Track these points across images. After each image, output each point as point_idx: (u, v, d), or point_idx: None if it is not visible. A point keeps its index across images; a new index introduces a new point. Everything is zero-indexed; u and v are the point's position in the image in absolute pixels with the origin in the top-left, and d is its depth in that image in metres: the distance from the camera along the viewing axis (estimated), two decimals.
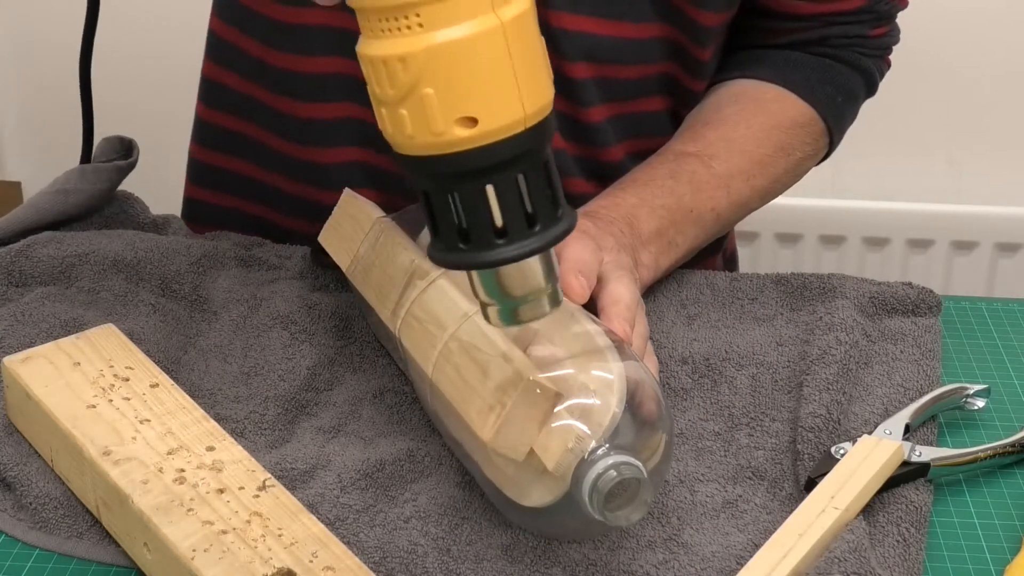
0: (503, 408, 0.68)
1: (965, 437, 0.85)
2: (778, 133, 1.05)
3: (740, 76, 1.08)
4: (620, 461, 0.66)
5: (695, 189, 0.99)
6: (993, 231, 1.82)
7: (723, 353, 0.88)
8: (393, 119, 0.61)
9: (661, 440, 0.70)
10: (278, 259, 1.00)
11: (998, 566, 0.74)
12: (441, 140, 0.60)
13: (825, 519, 0.72)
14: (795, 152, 1.06)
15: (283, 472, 0.77)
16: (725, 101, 1.07)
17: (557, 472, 0.67)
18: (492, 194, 0.62)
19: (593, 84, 1.01)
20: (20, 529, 0.75)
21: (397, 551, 0.72)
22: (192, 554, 0.67)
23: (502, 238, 0.62)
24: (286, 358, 0.87)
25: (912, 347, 0.89)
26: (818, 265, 1.83)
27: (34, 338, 0.86)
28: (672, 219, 0.97)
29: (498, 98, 0.60)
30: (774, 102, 1.07)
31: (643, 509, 0.66)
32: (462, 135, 0.60)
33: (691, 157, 1.02)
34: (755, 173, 1.03)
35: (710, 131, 1.04)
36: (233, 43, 1.07)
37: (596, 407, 0.68)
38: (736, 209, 1.03)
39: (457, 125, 0.60)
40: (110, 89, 1.14)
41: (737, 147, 1.03)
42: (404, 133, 0.61)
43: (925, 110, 1.80)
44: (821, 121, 1.07)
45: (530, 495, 0.70)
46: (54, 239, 0.96)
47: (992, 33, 1.75)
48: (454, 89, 0.60)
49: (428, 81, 0.59)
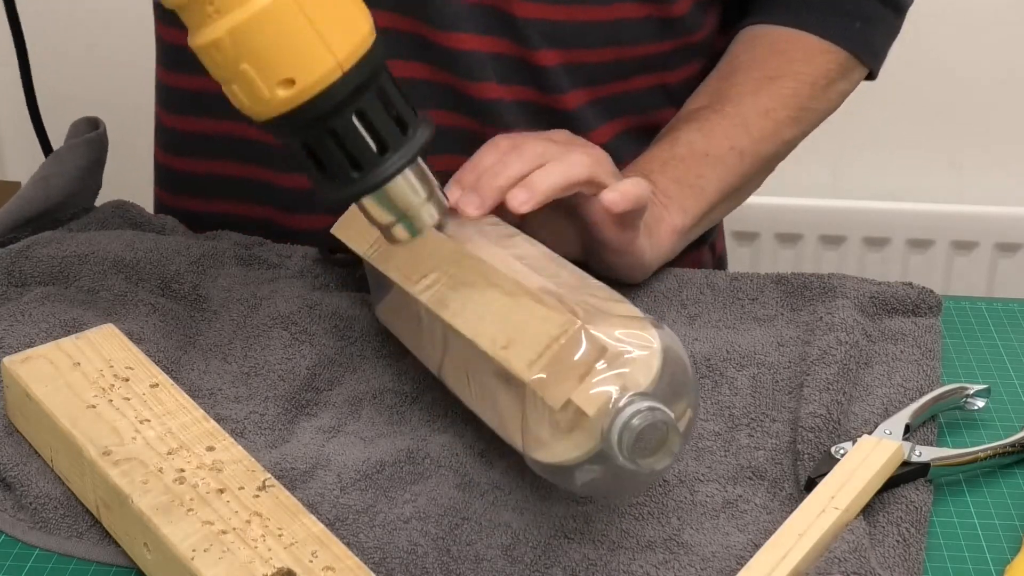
0: (548, 351, 0.69)
1: (965, 437, 0.85)
2: (794, 66, 1.04)
3: (752, 24, 1.08)
4: (651, 405, 0.66)
5: (707, 133, 0.99)
6: (993, 231, 1.82)
7: (724, 353, 0.88)
8: (232, 97, 0.70)
9: (686, 410, 0.71)
10: (278, 258, 0.99)
11: (998, 566, 0.74)
12: (271, 106, 0.68)
13: (825, 519, 0.72)
14: (819, 80, 1.05)
15: (283, 472, 0.77)
16: (738, 51, 1.07)
17: (595, 422, 0.67)
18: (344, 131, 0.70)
19: (563, 70, 1.01)
20: (20, 529, 0.75)
21: (397, 551, 0.72)
22: (192, 554, 0.67)
23: (357, 170, 0.71)
24: (286, 358, 0.87)
25: (912, 347, 0.89)
26: (818, 265, 1.83)
27: (34, 338, 0.86)
28: (686, 166, 0.97)
29: (306, 55, 0.67)
30: (785, 41, 1.06)
31: (668, 459, 0.67)
32: (285, 95, 0.68)
33: (702, 110, 1.02)
34: (774, 106, 1.03)
35: (722, 82, 1.04)
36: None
37: (638, 367, 0.69)
38: (765, 144, 1.02)
39: (279, 88, 0.68)
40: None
41: (750, 88, 1.03)
42: (244, 107, 0.69)
43: (925, 110, 1.80)
44: (840, 49, 1.06)
45: (557, 449, 0.70)
46: (54, 239, 0.96)
47: (992, 33, 1.75)
48: (264, 59, 0.67)
49: (242, 58, 0.67)
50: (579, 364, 0.68)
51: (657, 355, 0.69)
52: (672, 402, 0.69)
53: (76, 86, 1.64)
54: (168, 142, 1.11)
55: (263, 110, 0.69)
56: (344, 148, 0.70)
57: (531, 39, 0.99)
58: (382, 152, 0.71)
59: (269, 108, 0.68)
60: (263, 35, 0.67)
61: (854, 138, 1.81)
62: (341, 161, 0.71)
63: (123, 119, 1.24)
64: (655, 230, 0.94)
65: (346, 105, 0.69)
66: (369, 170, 0.71)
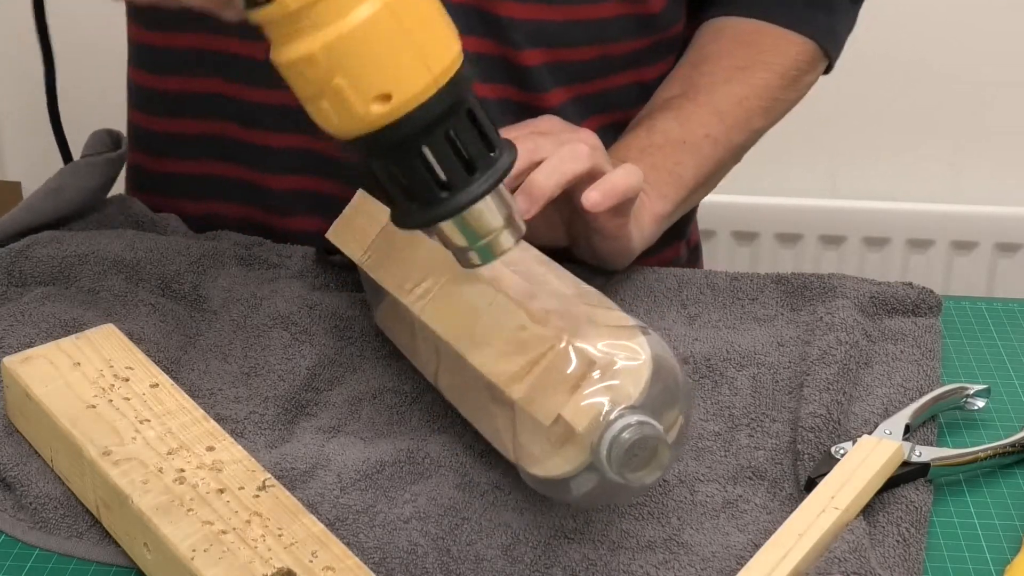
0: (537, 367, 0.69)
1: (965, 437, 0.85)
2: (764, 55, 1.05)
3: (718, 16, 1.09)
4: (640, 420, 0.66)
5: (683, 121, 1.00)
6: (993, 231, 1.81)
7: (724, 353, 0.88)
8: (319, 113, 0.67)
9: (678, 418, 0.71)
10: (278, 258, 0.99)
11: (998, 566, 0.74)
12: (365, 122, 0.66)
13: (825, 519, 0.72)
14: (788, 71, 1.06)
15: (283, 472, 0.77)
16: (706, 40, 1.08)
17: (586, 437, 0.67)
18: (430, 154, 0.67)
19: (546, 69, 1.01)
20: (20, 529, 0.75)
21: (397, 551, 0.72)
22: (192, 554, 0.67)
23: (445, 191, 0.68)
24: (286, 358, 0.87)
25: (912, 347, 0.89)
26: (818, 265, 1.83)
27: (34, 338, 0.86)
28: (664, 153, 0.98)
29: (404, 70, 0.65)
30: (755, 32, 1.07)
31: (657, 472, 0.67)
32: (381, 111, 0.65)
33: (675, 99, 1.03)
34: (747, 95, 1.04)
35: (693, 70, 1.05)
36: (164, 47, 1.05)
37: (627, 378, 0.69)
38: (737, 132, 1.03)
39: (374, 104, 0.65)
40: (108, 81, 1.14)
41: (722, 76, 1.04)
42: (332, 124, 0.67)
43: (925, 110, 1.80)
44: (808, 40, 1.07)
45: (549, 464, 0.70)
46: (54, 239, 0.96)
47: (992, 33, 1.75)
48: (361, 73, 0.65)
49: (336, 72, 0.65)
50: (568, 378, 0.68)
51: (647, 365, 0.69)
52: (663, 411, 0.69)
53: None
54: (144, 143, 1.10)
55: (355, 126, 0.66)
56: (431, 168, 0.67)
57: (515, 39, 0.99)
58: (470, 172, 0.68)
59: (362, 124, 0.66)
60: (362, 49, 0.64)
61: (854, 138, 1.81)
62: (427, 181, 0.68)
63: None
64: (638, 217, 0.95)
65: (440, 122, 0.67)
66: (458, 191, 0.68)
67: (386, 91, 0.65)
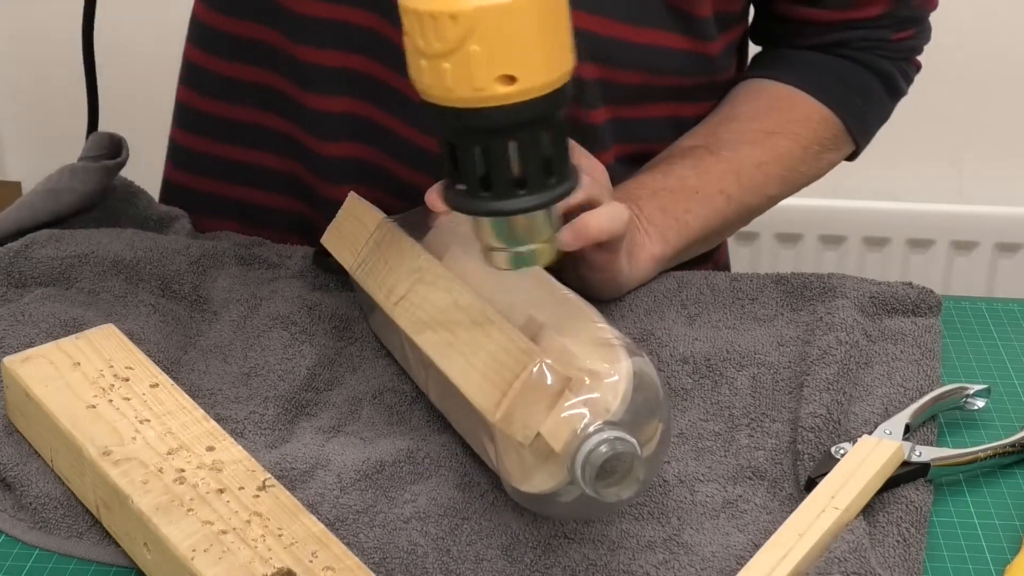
0: (512, 390, 0.69)
1: (965, 437, 0.85)
2: (792, 126, 1.05)
3: (758, 76, 1.09)
4: (614, 436, 0.66)
5: (700, 172, 1.00)
6: (993, 231, 1.81)
7: (724, 353, 0.88)
8: (434, 71, 0.65)
9: (658, 429, 0.70)
10: (278, 258, 0.99)
11: (998, 566, 0.74)
12: (480, 95, 0.65)
13: (825, 519, 0.72)
14: (812, 145, 1.06)
15: (283, 472, 0.77)
16: (740, 99, 1.08)
17: (565, 455, 0.67)
18: (515, 148, 0.67)
19: (597, 86, 1.01)
20: (20, 529, 0.75)
21: (397, 551, 0.72)
22: (192, 554, 0.67)
23: (521, 189, 0.68)
24: (286, 358, 0.87)
25: (912, 347, 0.89)
26: (818, 265, 1.83)
27: (34, 338, 0.86)
28: (675, 198, 0.98)
29: (536, 59, 0.65)
30: (788, 99, 1.07)
31: (634, 487, 0.67)
32: (501, 91, 0.65)
33: (697, 148, 1.03)
34: (767, 160, 1.04)
35: (720, 126, 1.05)
36: (219, 29, 1.06)
37: (604, 394, 0.68)
38: (751, 194, 1.03)
39: (497, 82, 0.64)
40: (111, 80, 1.14)
41: (748, 138, 1.04)
42: (444, 85, 0.65)
43: (926, 110, 1.79)
44: (838, 120, 1.07)
45: (532, 481, 0.70)
46: (53, 238, 0.96)
47: (993, 33, 1.75)
48: (499, 47, 0.64)
49: (476, 38, 0.64)
50: (545, 396, 0.68)
51: (625, 379, 0.69)
52: (641, 426, 0.69)
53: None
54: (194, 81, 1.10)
55: (466, 96, 0.65)
56: (509, 163, 0.67)
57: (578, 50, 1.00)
58: (547, 176, 0.69)
59: (476, 97, 0.65)
60: (511, 25, 0.64)
61: None
62: (507, 174, 0.68)
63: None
64: (635, 254, 0.95)
65: (539, 122, 0.67)
66: (536, 190, 0.68)
67: (514, 72, 0.65)
